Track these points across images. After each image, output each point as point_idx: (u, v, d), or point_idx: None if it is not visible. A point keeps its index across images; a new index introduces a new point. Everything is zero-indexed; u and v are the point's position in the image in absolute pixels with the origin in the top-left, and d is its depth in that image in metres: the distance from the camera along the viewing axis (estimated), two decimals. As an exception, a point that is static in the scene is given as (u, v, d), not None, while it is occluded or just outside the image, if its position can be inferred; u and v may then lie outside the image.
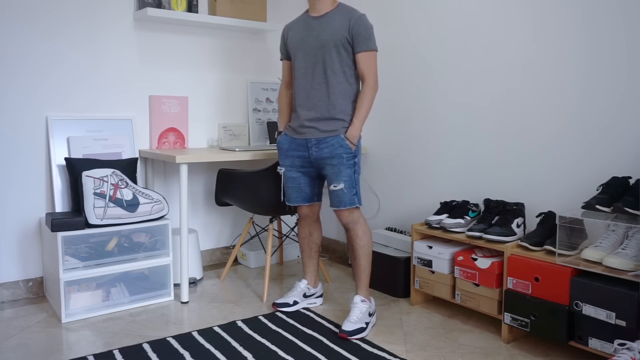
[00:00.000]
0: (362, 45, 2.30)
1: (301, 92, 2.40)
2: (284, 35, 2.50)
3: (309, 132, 2.37)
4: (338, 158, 2.32)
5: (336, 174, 2.34)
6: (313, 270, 2.67)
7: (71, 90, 2.83)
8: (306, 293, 2.63)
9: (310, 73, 2.37)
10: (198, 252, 3.06)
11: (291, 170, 2.47)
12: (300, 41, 2.39)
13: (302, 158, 2.42)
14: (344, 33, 2.29)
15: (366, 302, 2.39)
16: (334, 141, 2.33)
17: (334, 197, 2.36)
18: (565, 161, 2.32)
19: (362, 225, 2.41)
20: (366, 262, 2.42)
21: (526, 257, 2.14)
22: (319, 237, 2.66)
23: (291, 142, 2.44)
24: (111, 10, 2.92)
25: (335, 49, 2.31)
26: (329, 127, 2.34)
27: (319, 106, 2.35)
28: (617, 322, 1.85)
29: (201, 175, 3.34)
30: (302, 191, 2.49)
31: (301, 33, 2.40)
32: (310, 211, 2.57)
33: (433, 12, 2.87)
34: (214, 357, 2.08)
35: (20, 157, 2.71)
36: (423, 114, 2.96)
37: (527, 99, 2.45)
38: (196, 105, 3.28)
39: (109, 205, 2.52)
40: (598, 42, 2.18)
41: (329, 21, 2.33)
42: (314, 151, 2.37)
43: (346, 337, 2.24)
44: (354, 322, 2.29)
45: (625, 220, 1.94)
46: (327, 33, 2.31)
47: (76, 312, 2.48)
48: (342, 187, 2.33)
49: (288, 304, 2.56)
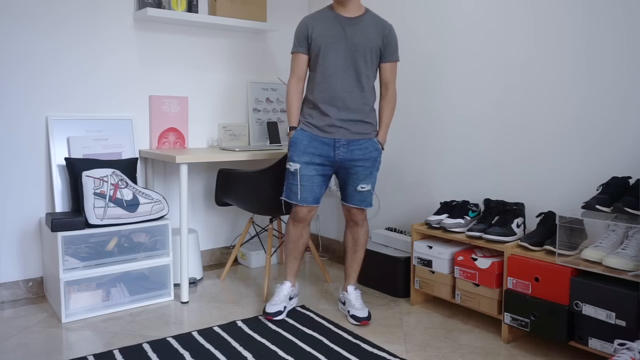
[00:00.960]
0: (392, 56, 2.42)
1: (330, 90, 2.34)
2: (307, 27, 2.37)
3: (338, 132, 2.37)
4: (372, 161, 2.41)
5: (366, 175, 2.42)
6: (296, 271, 2.58)
7: (71, 90, 2.83)
8: (291, 295, 2.54)
9: (340, 73, 2.34)
10: (198, 252, 3.06)
11: (307, 167, 2.36)
12: (332, 38, 2.33)
13: (324, 157, 2.38)
14: (378, 42, 2.36)
15: (358, 289, 2.56)
16: (368, 144, 2.40)
17: (358, 196, 2.44)
18: (565, 161, 2.32)
19: (367, 223, 2.58)
20: (363, 254, 2.61)
21: (526, 257, 2.14)
22: (308, 238, 2.57)
23: (313, 140, 2.37)
24: (111, 10, 2.92)
25: (369, 54, 2.35)
26: (361, 129, 2.39)
27: (352, 108, 2.36)
28: (617, 322, 1.85)
29: (201, 175, 3.34)
30: (314, 191, 2.41)
31: (333, 30, 2.34)
32: (310, 213, 2.46)
33: (433, 12, 2.87)
34: (214, 357, 2.08)
35: (20, 157, 2.71)
36: (423, 114, 2.96)
37: (528, 99, 2.45)
38: (196, 105, 3.28)
39: (109, 205, 2.52)
40: (599, 41, 2.18)
41: (365, 26, 2.35)
42: (342, 152, 2.37)
43: (368, 322, 2.42)
44: (363, 309, 2.45)
45: (625, 220, 1.94)
46: (363, 37, 2.34)
47: (76, 312, 2.48)
48: (369, 189, 2.44)
49: (280, 312, 2.44)
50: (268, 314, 2.43)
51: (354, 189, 2.42)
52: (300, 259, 2.58)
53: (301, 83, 2.45)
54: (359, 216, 2.50)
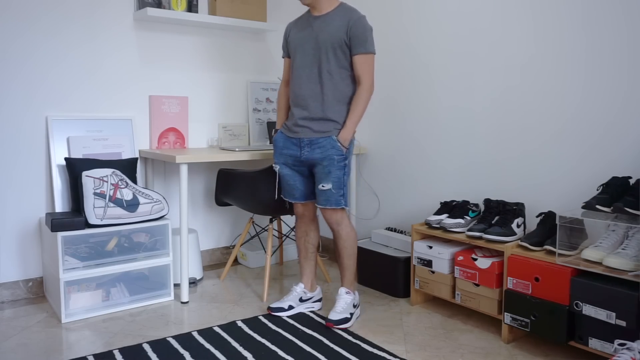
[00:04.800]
0: (359, 48, 2.30)
1: (296, 90, 2.41)
2: (286, 33, 2.51)
3: (302, 132, 2.38)
4: (329, 159, 2.34)
5: (326, 175, 2.36)
6: (310, 272, 2.60)
7: (71, 90, 2.83)
8: (302, 297, 2.56)
9: (306, 73, 2.37)
10: (198, 252, 3.06)
11: (284, 167, 2.47)
12: (300, 39, 2.40)
13: (293, 157, 2.43)
14: (341, 34, 2.29)
15: (350, 294, 2.47)
16: (326, 142, 2.34)
17: (321, 195, 2.40)
18: (565, 161, 2.32)
19: (346, 227, 2.44)
20: (349, 261, 2.48)
21: (526, 257, 2.14)
22: (315, 237, 2.60)
23: (286, 141, 2.45)
24: (111, 10, 2.92)
25: (332, 50, 2.31)
26: (322, 127, 2.35)
27: (312, 106, 2.35)
28: (617, 322, 1.85)
29: (201, 175, 3.34)
30: (297, 188, 2.48)
31: (301, 32, 2.40)
32: (305, 209, 2.53)
33: (432, 12, 2.87)
34: (214, 357, 2.08)
35: (20, 157, 2.71)
36: (423, 114, 2.96)
37: (527, 99, 2.45)
38: (196, 105, 3.28)
39: (109, 205, 2.52)
40: (599, 41, 2.18)
41: (328, 21, 2.33)
42: (306, 151, 2.38)
43: (332, 325, 2.34)
44: (339, 312, 2.38)
45: (625, 220, 1.94)
46: (325, 33, 2.32)
47: (76, 312, 2.48)
48: (330, 188, 2.36)
49: (283, 309, 2.50)
50: (270, 308, 2.51)
51: (318, 188, 2.40)
52: (311, 260, 2.60)
53: (288, 87, 2.55)
54: (330, 217, 2.41)
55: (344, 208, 2.41)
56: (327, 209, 2.40)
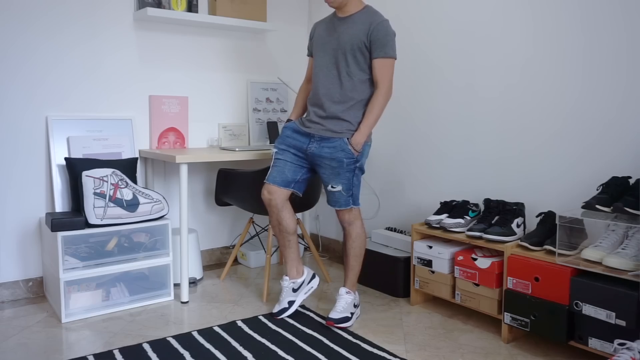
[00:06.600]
0: (379, 52, 2.30)
1: (314, 89, 2.44)
2: (312, 32, 2.54)
3: (314, 128, 2.39)
4: (338, 161, 2.34)
5: (334, 176, 2.36)
6: (292, 260, 2.50)
7: (71, 90, 2.83)
8: (294, 287, 2.52)
9: (325, 72, 2.39)
10: (198, 252, 3.06)
11: (284, 153, 2.44)
12: (323, 39, 2.43)
13: (298, 148, 2.43)
14: (362, 37, 2.30)
15: (351, 293, 2.47)
16: (337, 143, 2.34)
17: (331, 196, 2.41)
18: (565, 161, 2.32)
19: (357, 228, 2.44)
20: (355, 262, 2.49)
21: (526, 257, 2.14)
22: (290, 224, 2.44)
23: (295, 131, 2.45)
24: (111, 10, 2.92)
25: (352, 52, 2.32)
26: (335, 127, 2.35)
27: (327, 105, 2.37)
28: (617, 322, 1.85)
29: (201, 175, 3.34)
30: (284, 174, 2.41)
31: (325, 32, 2.44)
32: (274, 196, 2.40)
33: (433, 12, 2.87)
34: (214, 357, 2.08)
35: (20, 157, 2.71)
36: (423, 113, 2.96)
37: (527, 98, 2.45)
38: (196, 105, 3.28)
39: (109, 205, 2.52)
40: (598, 40, 2.18)
41: (351, 23, 2.34)
42: (314, 147, 2.38)
43: (333, 324, 2.34)
44: (339, 312, 2.38)
45: (625, 220, 1.94)
46: (346, 35, 2.34)
47: (76, 312, 2.48)
48: (340, 189, 2.37)
49: (285, 308, 2.49)
50: (272, 314, 2.51)
51: (327, 189, 2.42)
52: (290, 247, 2.48)
53: (309, 84, 2.61)
54: (342, 217, 2.43)
55: (355, 207, 2.43)
56: (339, 210, 2.43)
